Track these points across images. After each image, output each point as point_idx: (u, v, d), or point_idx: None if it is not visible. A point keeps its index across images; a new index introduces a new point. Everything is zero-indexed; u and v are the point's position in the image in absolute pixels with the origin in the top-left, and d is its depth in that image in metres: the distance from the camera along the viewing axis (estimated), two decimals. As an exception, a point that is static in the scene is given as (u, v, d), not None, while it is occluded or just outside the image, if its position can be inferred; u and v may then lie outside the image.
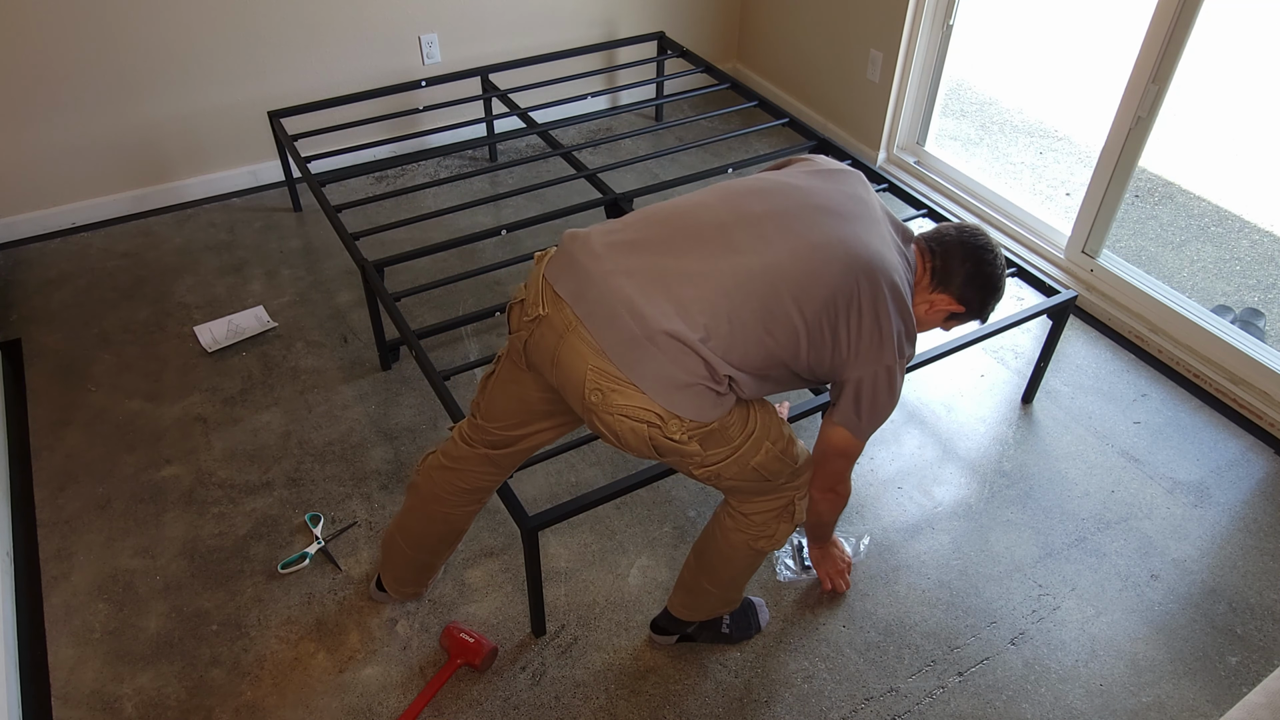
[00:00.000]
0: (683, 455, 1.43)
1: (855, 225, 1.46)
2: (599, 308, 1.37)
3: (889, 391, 1.50)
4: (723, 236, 1.41)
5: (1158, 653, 1.94)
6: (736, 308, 1.36)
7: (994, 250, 1.60)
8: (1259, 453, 2.40)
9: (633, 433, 1.39)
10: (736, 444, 1.46)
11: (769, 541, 1.67)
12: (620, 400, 1.37)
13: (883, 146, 3.55)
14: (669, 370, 1.34)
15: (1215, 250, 3.35)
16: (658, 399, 1.36)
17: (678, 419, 1.37)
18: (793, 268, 1.39)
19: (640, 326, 1.34)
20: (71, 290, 2.89)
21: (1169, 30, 2.45)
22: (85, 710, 1.80)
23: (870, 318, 1.43)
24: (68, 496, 2.23)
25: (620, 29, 3.78)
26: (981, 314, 1.63)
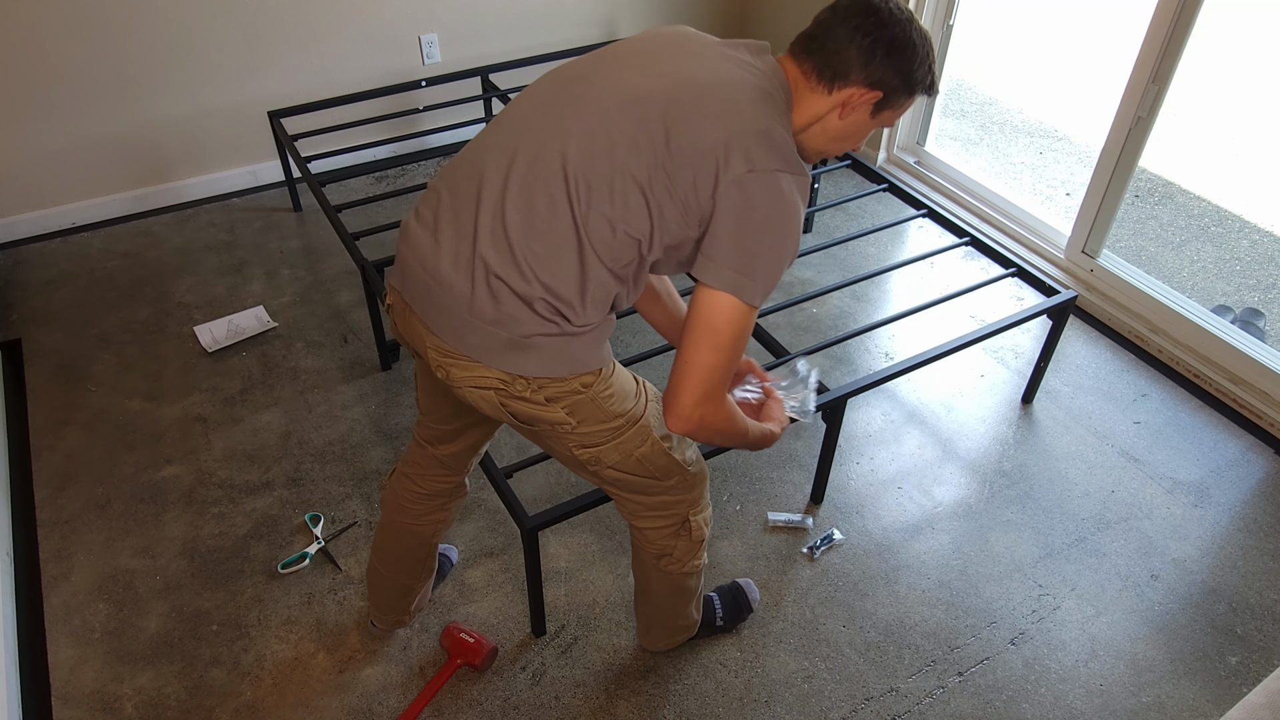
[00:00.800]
0: (553, 425, 1.33)
1: (650, 71, 1.25)
2: (413, 283, 1.31)
3: (766, 221, 1.21)
4: (494, 157, 1.28)
5: (1158, 653, 1.94)
6: (523, 222, 1.22)
7: (887, 7, 1.27)
8: (1259, 453, 2.40)
9: (485, 401, 1.32)
10: (616, 423, 1.36)
11: (672, 560, 1.59)
12: (460, 374, 1.30)
13: (883, 146, 3.55)
14: (490, 334, 1.25)
15: (1215, 250, 3.35)
16: (494, 364, 1.27)
17: (524, 379, 1.28)
18: (573, 151, 1.23)
19: (452, 298, 1.26)
20: (71, 290, 2.89)
21: (1169, 30, 2.45)
22: (85, 710, 1.80)
23: (699, 163, 1.20)
24: (68, 496, 2.23)
25: (620, 29, 3.78)
26: (909, 87, 1.30)
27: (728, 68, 1.26)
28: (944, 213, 2.64)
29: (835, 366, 2.65)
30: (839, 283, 2.36)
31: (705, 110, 1.21)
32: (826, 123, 1.32)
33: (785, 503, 2.24)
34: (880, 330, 2.78)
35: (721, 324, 1.23)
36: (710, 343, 1.24)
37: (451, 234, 1.27)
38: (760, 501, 2.24)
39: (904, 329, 2.78)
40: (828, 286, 2.36)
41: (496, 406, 1.32)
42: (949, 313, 2.85)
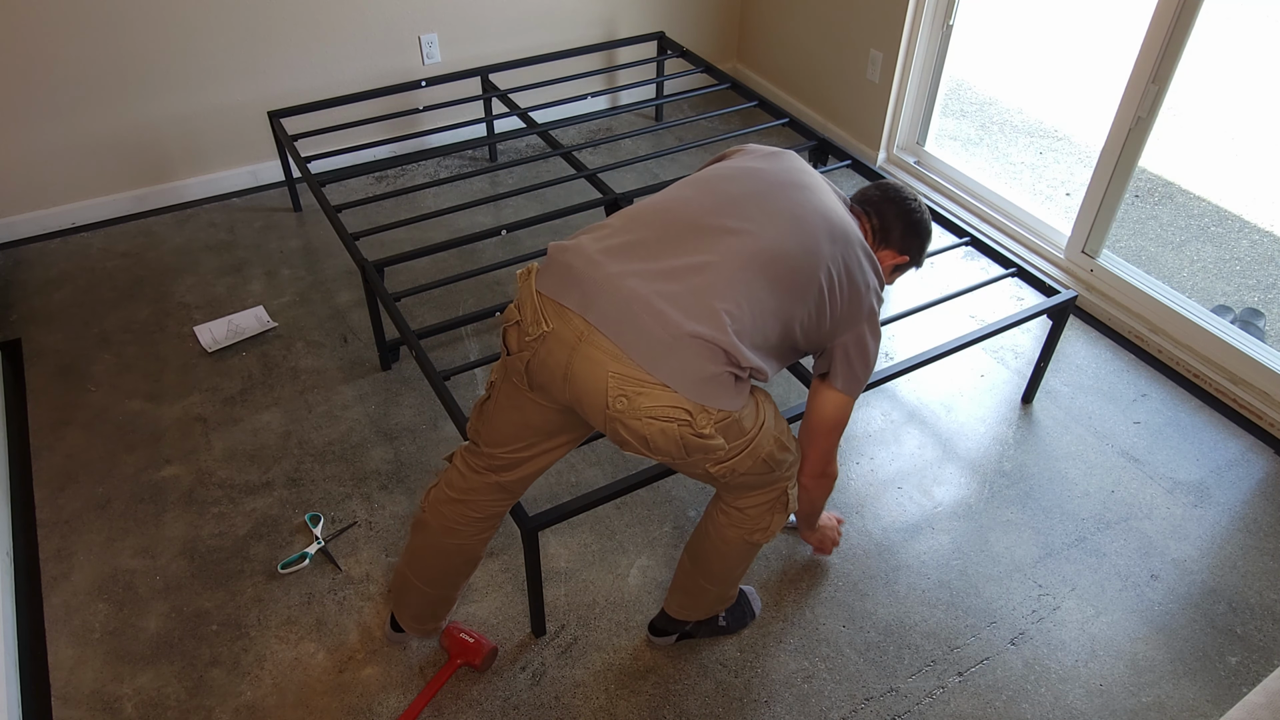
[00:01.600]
0: (708, 451, 1.42)
1: (819, 195, 1.53)
2: (613, 311, 1.35)
3: (875, 343, 1.58)
4: (714, 223, 1.43)
5: (1158, 653, 1.94)
6: (749, 289, 1.39)
7: (917, 200, 1.71)
8: (1259, 453, 2.40)
9: (663, 434, 1.37)
10: (751, 435, 1.47)
11: (764, 534, 1.69)
12: (647, 403, 1.35)
13: (883, 146, 3.55)
14: (696, 363, 1.34)
15: (1215, 250, 3.35)
16: (687, 394, 1.35)
17: (706, 412, 1.37)
18: (787, 241, 1.43)
19: (661, 325, 1.33)
20: (71, 290, 2.89)
21: (1169, 30, 2.45)
22: (85, 710, 1.80)
23: (849, 279, 1.50)
24: (68, 496, 2.23)
25: (620, 29, 3.78)
26: (919, 260, 1.74)
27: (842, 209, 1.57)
28: (944, 213, 2.64)
29: (835, 366, 2.65)
30: (839, 283, 2.36)
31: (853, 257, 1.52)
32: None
33: (785, 503, 2.24)
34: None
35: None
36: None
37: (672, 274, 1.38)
38: (760, 501, 2.24)
39: (904, 329, 2.78)
40: (828, 286, 2.36)
41: (674, 440, 1.38)
42: (949, 313, 2.85)
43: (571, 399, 1.43)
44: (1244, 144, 4.03)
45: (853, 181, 3.51)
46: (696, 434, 1.38)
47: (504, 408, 1.57)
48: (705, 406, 1.36)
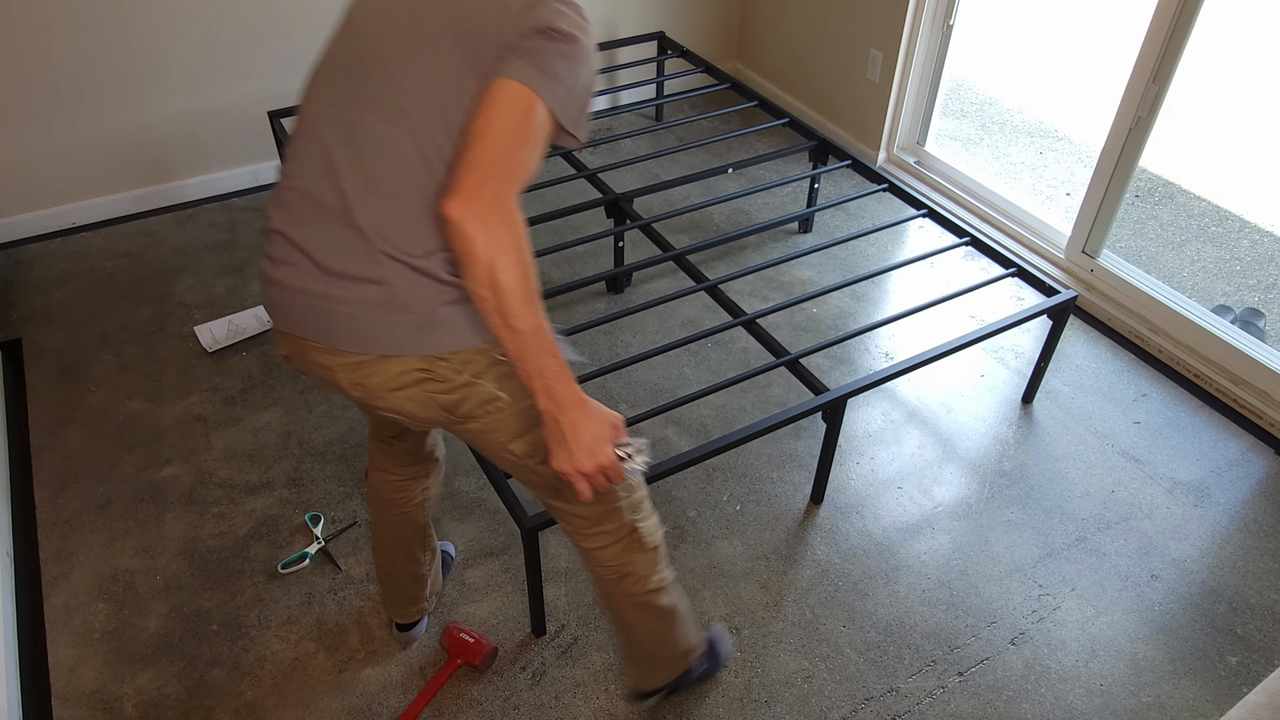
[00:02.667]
0: (484, 404, 1.24)
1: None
2: (297, 310, 1.21)
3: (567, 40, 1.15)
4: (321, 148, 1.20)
5: (1158, 653, 1.94)
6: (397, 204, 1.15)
7: None
8: (1259, 453, 2.40)
9: (414, 402, 1.22)
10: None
11: (634, 580, 1.49)
12: (377, 380, 1.21)
13: (883, 146, 3.55)
14: (390, 316, 1.17)
15: (1215, 250, 3.35)
16: (404, 351, 1.18)
17: (440, 359, 1.19)
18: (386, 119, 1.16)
19: (338, 301, 1.17)
20: (71, 290, 2.89)
21: (1169, 30, 2.45)
22: (85, 710, 1.80)
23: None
24: (68, 496, 2.23)
25: (620, 29, 3.78)
26: None
27: None
28: (944, 213, 2.64)
29: (835, 366, 2.65)
30: (839, 283, 2.36)
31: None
32: None
33: (785, 502, 2.24)
34: (880, 330, 2.78)
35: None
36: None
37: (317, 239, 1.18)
38: (760, 501, 2.24)
39: (904, 329, 2.78)
40: (828, 286, 2.36)
41: (427, 403, 1.23)
42: (949, 313, 2.85)
43: (353, 402, 1.30)
44: (1244, 144, 4.03)
45: (852, 182, 3.51)
46: (439, 380, 1.20)
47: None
48: (436, 355, 1.18)
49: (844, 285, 2.37)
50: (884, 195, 3.41)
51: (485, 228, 1.06)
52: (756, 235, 3.19)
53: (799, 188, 3.47)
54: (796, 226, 3.23)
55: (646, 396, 2.54)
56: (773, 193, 3.44)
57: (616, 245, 2.83)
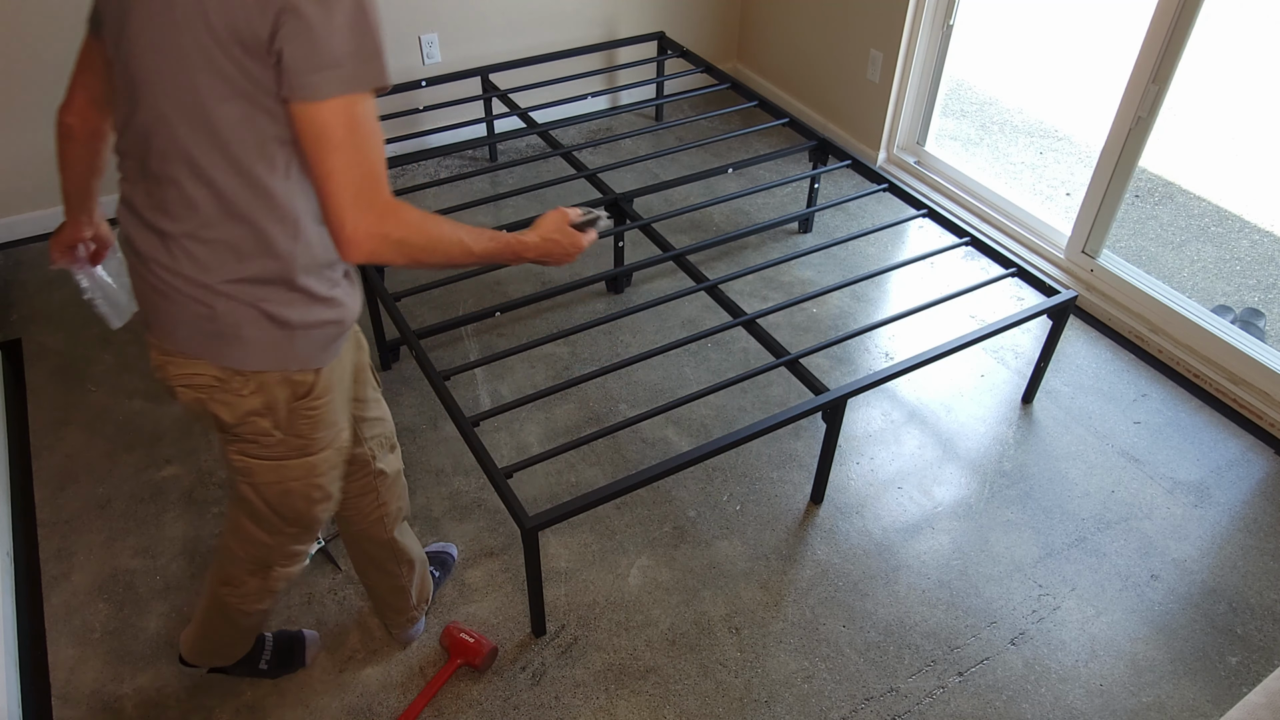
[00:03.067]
0: (260, 434, 1.29)
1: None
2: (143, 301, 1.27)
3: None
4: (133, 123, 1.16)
5: (1158, 653, 1.94)
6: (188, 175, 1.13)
7: None
8: (1259, 453, 2.40)
9: (198, 404, 1.28)
10: (301, 445, 1.33)
11: (233, 592, 1.59)
12: (174, 370, 1.27)
13: (883, 146, 3.55)
14: (185, 315, 1.21)
15: (1215, 250, 3.35)
16: (206, 357, 1.23)
17: (239, 375, 1.23)
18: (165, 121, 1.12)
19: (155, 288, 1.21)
20: (71, 290, 2.89)
21: (1169, 30, 2.45)
22: (85, 710, 1.80)
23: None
24: (68, 496, 2.23)
25: (620, 29, 3.78)
26: None
27: None
28: (944, 213, 2.64)
29: (835, 366, 2.65)
30: (839, 283, 2.36)
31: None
32: None
33: (785, 502, 2.25)
34: (880, 330, 2.78)
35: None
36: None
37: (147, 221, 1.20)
38: (760, 501, 2.24)
39: (904, 329, 2.78)
40: (828, 286, 2.36)
41: (202, 413, 1.29)
42: (949, 313, 2.85)
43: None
44: (1244, 144, 4.03)
45: (852, 182, 3.51)
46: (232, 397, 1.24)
47: None
48: (235, 369, 1.22)
49: (844, 285, 2.37)
50: (884, 195, 3.41)
51: (384, 254, 1.13)
52: (756, 235, 3.19)
53: (799, 188, 3.47)
54: (796, 226, 3.23)
55: (646, 396, 2.54)
56: (773, 193, 3.44)
57: (616, 245, 2.83)
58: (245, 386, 1.25)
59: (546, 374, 2.61)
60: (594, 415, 2.48)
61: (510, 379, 2.59)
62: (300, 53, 1.04)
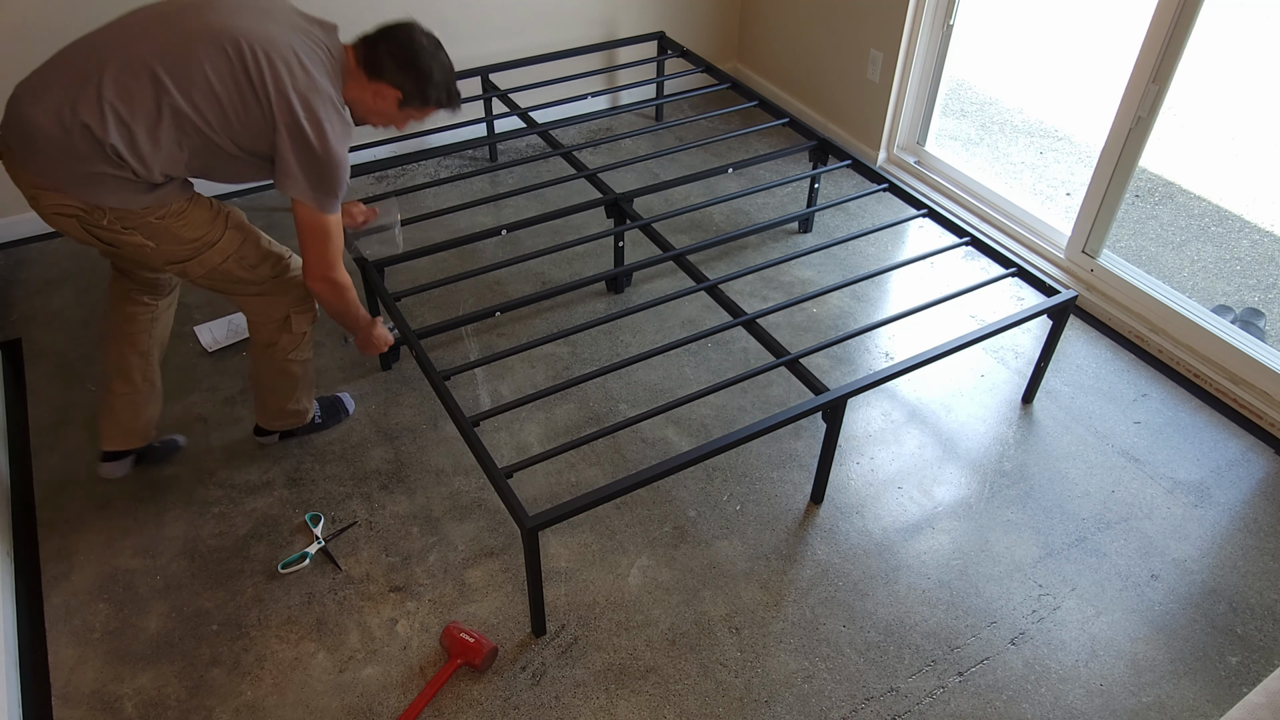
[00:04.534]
0: (136, 247, 1.76)
1: (226, 15, 1.72)
2: (18, 136, 1.66)
3: (321, 147, 1.73)
4: (116, 39, 1.69)
5: (1158, 653, 1.94)
6: (125, 90, 1.63)
7: (415, 36, 1.85)
8: (1259, 453, 2.40)
9: (70, 228, 1.74)
10: (195, 245, 1.81)
11: (276, 350, 2.07)
12: (47, 201, 1.70)
13: (883, 146, 3.55)
14: (73, 165, 1.63)
15: (1215, 250, 3.35)
16: (71, 193, 1.66)
17: (100, 209, 1.68)
18: (165, 52, 1.66)
19: (39, 132, 1.61)
20: (71, 290, 2.89)
21: (1169, 30, 2.45)
22: (85, 710, 1.80)
23: (259, 78, 1.68)
24: (68, 496, 2.23)
25: (620, 29, 3.78)
26: (425, 97, 1.91)
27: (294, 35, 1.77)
28: (944, 213, 2.64)
29: (835, 366, 2.65)
30: (839, 283, 2.36)
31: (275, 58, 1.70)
32: (367, 99, 1.89)
33: (785, 502, 2.25)
34: (880, 330, 2.78)
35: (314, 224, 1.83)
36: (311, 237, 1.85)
37: (58, 96, 1.63)
38: (760, 501, 2.24)
39: (904, 329, 2.78)
40: (828, 286, 2.36)
41: (78, 230, 1.74)
42: (949, 313, 2.85)
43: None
44: (1244, 144, 4.03)
45: (852, 182, 3.51)
46: (93, 225, 1.71)
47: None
48: (96, 204, 1.67)
49: (844, 285, 2.37)
50: (884, 195, 3.41)
51: (320, 300, 1.97)
52: (756, 235, 3.19)
53: (799, 188, 3.47)
54: (796, 226, 3.23)
55: (646, 396, 2.54)
56: (773, 193, 3.44)
57: (616, 245, 2.83)
58: (104, 218, 1.74)
59: (546, 374, 2.61)
60: (594, 415, 2.48)
61: (510, 379, 2.59)
62: (279, 166, 1.76)
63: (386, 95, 1.87)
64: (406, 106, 1.92)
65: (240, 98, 1.68)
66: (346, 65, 1.85)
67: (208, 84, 1.66)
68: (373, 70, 1.85)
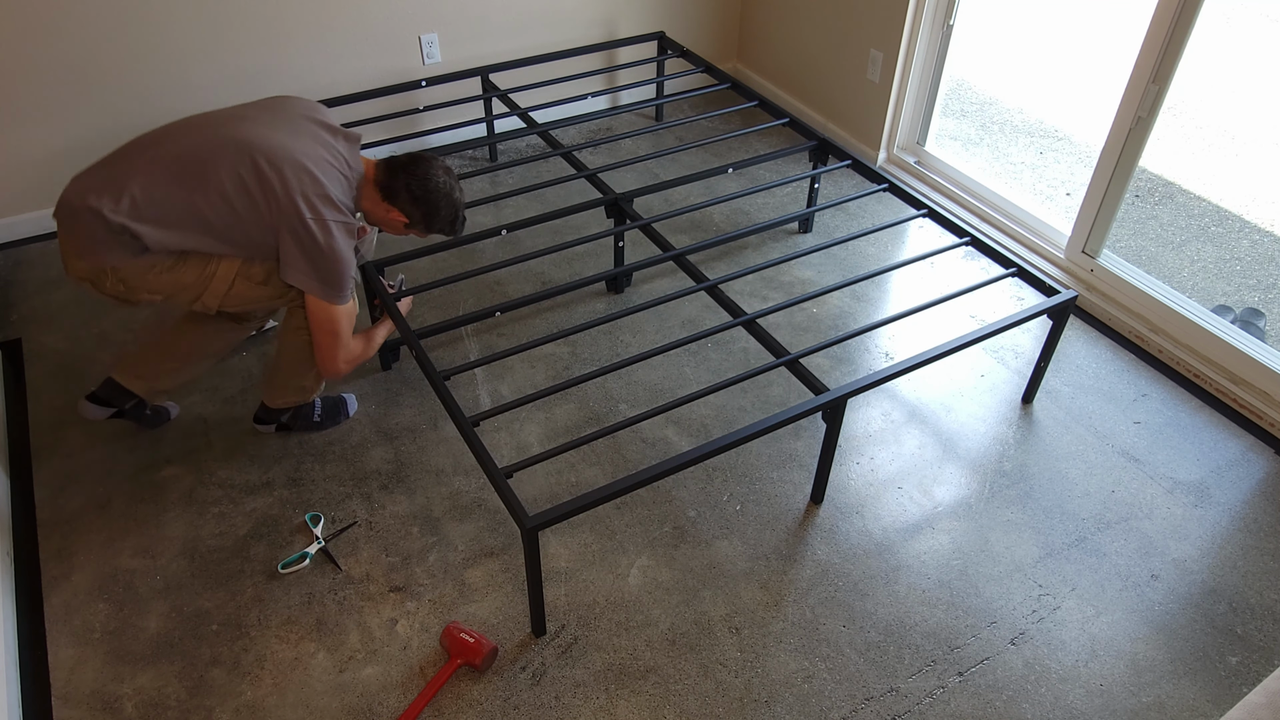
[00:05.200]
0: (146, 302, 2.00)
1: (254, 126, 1.95)
2: (60, 214, 1.91)
3: (326, 244, 1.94)
4: (153, 140, 1.94)
5: (1158, 653, 1.94)
6: (148, 182, 1.87)
7: (433, 175, 2.07)
8: (1259, 453, 2.40)
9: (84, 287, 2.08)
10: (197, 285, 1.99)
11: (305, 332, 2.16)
12: (70, 267, 1.95)
13: (883, 146, 3.55)
14: (86, 234, 1.87)
15: (1215, 250, 3.35)
16: (85, 259, 1.90)
17: (103, 271, 1.92)
18: (193, 155, 1.90)
19: (65, 207, 1.89)
20: (71, 290, 2.89)
21: (1169, 30, 2.45)
22: (85, 710, 1.80)
23: (269, 185, 1.89)
24: (68, 496, 2.23)
25: (620, 29, 3.78)
26: (430, 227, 2.13)
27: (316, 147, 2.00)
28: (944, 213, 2.64)
29: (835, 366, 2.65)
30: (839, 283, 2.36)
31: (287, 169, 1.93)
32: (378, 213, 2.12)
33: (785, 502, 2.25)
34: (880, 330, 2.78)
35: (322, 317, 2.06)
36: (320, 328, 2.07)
37: (96, 183, 1.89)
38: (760, 501, 2.24)
39: (904, 329, 2.78)
40: (828, 286, 2.36)
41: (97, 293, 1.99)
42: (949, 313, 2.85)
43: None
44: (1244, 144, 4.03)
45: (852, 182, 3.51)
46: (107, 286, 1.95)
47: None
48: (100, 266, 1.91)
49: (844, 285, 2.37)
50: (884, 195, 3.41)
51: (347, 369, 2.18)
52: (756, 235, 3.19)
53: (799, 188, 3.47)
54: (796, 226, 3.23)
55: (646, 396, 2.54)
56: (773, 193, 3.44)
57: (616, 245, 2.83)
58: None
59: (546, 374, 2.61)
60: (594, 415, 2.48)
61: (510, 379, 2.59)
62: (283, 258, 1.98)
63: (396, 217, 2.10)
64: (411, 229, 2.15)
65: (251, 204, 1.91)
66: (365, 178, 2.08)
67: (222, 190, 1.89)
68: (388, 195, 2.06)
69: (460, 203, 2.15)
